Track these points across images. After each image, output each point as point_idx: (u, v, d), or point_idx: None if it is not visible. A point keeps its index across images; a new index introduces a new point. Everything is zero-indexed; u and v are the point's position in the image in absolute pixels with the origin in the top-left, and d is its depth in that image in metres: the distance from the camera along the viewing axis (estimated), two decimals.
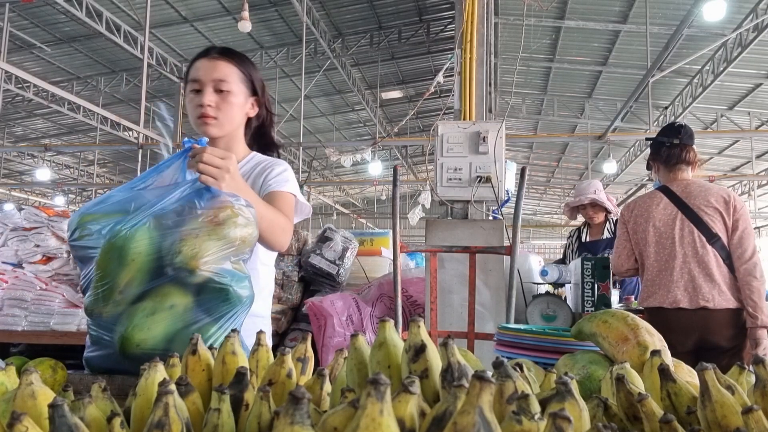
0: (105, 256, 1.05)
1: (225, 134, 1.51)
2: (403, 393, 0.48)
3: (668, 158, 2.73)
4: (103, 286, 1.05)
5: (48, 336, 2.77)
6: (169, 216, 1.07)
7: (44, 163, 17.98)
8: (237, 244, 1.09)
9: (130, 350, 1.03)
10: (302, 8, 9.26)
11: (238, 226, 1.09)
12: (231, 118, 1.50)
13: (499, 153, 3.16)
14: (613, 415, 0.67)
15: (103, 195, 1.17)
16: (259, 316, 1.50)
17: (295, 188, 1.51)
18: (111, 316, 1.06)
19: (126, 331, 1.04)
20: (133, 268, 1.03)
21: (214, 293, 1.07)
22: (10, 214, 3.22)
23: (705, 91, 10.27)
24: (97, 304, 1.06)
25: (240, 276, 1.11)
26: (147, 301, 1.05)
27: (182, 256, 1.03)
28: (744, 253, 2.51)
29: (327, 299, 3.41)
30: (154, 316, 1.04)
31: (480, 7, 3.69)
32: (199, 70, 1.48)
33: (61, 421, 0.50)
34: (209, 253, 1.05)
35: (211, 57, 1.49)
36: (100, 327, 1.08)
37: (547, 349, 1.05)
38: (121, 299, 1.04)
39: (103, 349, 1.08)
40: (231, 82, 1.47)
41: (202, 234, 1.06)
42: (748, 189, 17.20)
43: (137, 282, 1.04)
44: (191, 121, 1.51)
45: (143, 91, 8.39)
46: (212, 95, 1.46)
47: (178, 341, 1.03)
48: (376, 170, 15.79)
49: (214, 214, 1.08)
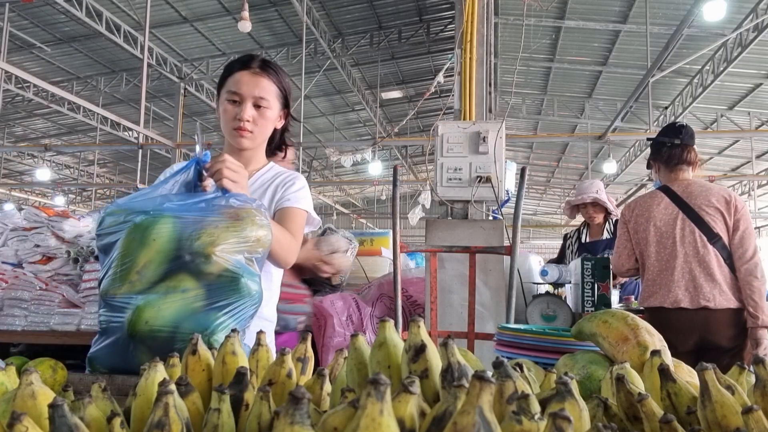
0: (129, 236, 1.12)
1: (256, 147, 1.57)
2: (403, 393, 0.48)
3: (669, 158, 2.73)
4: (123, 266, 1.11)
5: (48, 336, 2.77)
6: (194, 209, 1.15)
7: (44, 163, 17.98)
8: (252, 241, 1.16)
9: (138, 327, 1.07)
10: (302, 8, 9.26)
11: (255, 225, 1.17)
12: (264, 132, 1.56)
13: (499, 153, 3.15)
14: (613, 415, 0.67)
15: (134, 193, 1.25)
16: (268, 320, 1.54)
17: (308, 205, 1.56)
18: (125, 295, 1.10)
19: (137, 309, 1.08)
20: (153, 249, 1.10)
21: (226, 281, 1.13)
22: (10, 214, 3.22)
23: (705, 91, 10.27)
24: (114, 284, 1.11)
25: (252, 271, 1.17)
26: (161, 284, 1.10)
27: (200, 242, 1.11)
28: (745, 253, 2.51)
29: (327, 299, 3.40)
30: (166, 298, 1.09)
31: (480, 7, 3.70)
32: (240, 83, 1.49)
33: (61, 421, 0.50)
34: (226, 242, 1.13)
35: (253, 71, 1.51)
36: (112, 309, 1.11)
37: (547, 349, 1.05)
38: (137, 279, 1.10)
39: (112, 335, 1.10)
40: (269, 98, 1.51)
41: (221, 226, 1.13)
42: (748, 189, 17.20)
43: (155, 264, 1.10)
44: (224, 129, 1.54)
45: (143, 91, 8.39)
46: (251, 110, 1.49)
47: (186, 324, 1.08)
48: (376, 170, 15.78)
49: (234, 211, 1.16)
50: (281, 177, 1.59)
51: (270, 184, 1.57)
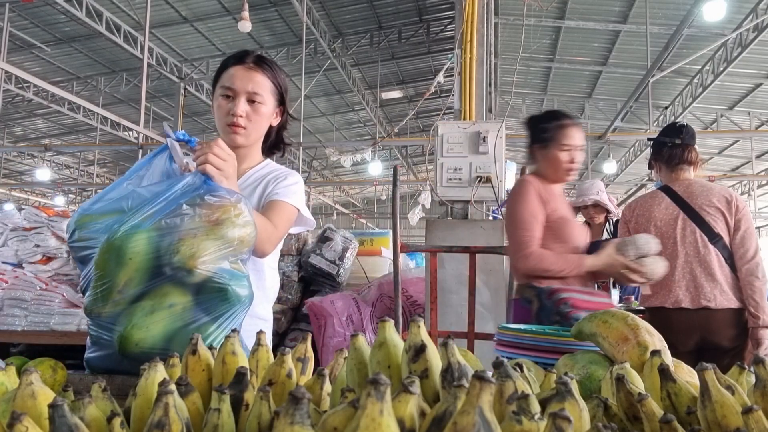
0: (103, 256, 1.05)
1: (250, 144, 1.53)
2: (403, 393, 0.48)
3: (670, 158, 2.73)
4: (102, 286, 1.05)
5: (48, 336, 2.77)
6: (167, 215, 1.06)
7: (44, 163, 17.98)
8: (235, 244, 1.09)
9: (129, 349, 1.03)
10: (302, 8, 9.26)
11: (237, 226, 1.09)
12: (259, 128, 1.52)
13: (499, 153, 3.16)
14: (613, 415, 0.67)
15: (99, 193, 1.17)
16: (262, 319, 1.50)
17: (299, 202, 1.51)
18: (110, 316, 1.06)
19: (125, 331, 1.04)
20: (131, 267, 1.03)
21: (213, 292, 1.07)
22: (10, 214, 3.22)
23: (705, 91, 10.27)
24: (96, 303, 1.06)
25: (239, 275, 1.11)
26: (146, 301, 1.05)
27: (180, 256, 1.04)
28: (746, 253, 2.51)
29: (327, 299, 3.41)
30: (153, 315, 1.04)
31: (480, 7, 3.70)
32: (234, 78, 1.47)
33: (61, 421, 0.50)
34: (207, 252, 1.05)
35: (247, 66, 1.48)
36: (99, 327, 1.08)
37: (547, 349, 1.05)
38: (120, 299, 1.04)
39: (103, 349, 1.08)
40: (264, 94, 1.48)
41: (200, 234, 1.06)
42: (748, 189, 17.20)
43: (136, 281, 1.04)
44: (218, 125, 1.51)
45: (143, 91, 8.39)
46: (245, 105, 1.46)
47: (178, 340, 1.03)
48: (376, 170, 15.79)
49: (212, 213, 1.08)
50: (275, 173, 1.55)
51: (263, 180, 1.53)
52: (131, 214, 1.07)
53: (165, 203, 1.08)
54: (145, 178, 1.16)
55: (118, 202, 1.11)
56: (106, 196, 1.13)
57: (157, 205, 1.07)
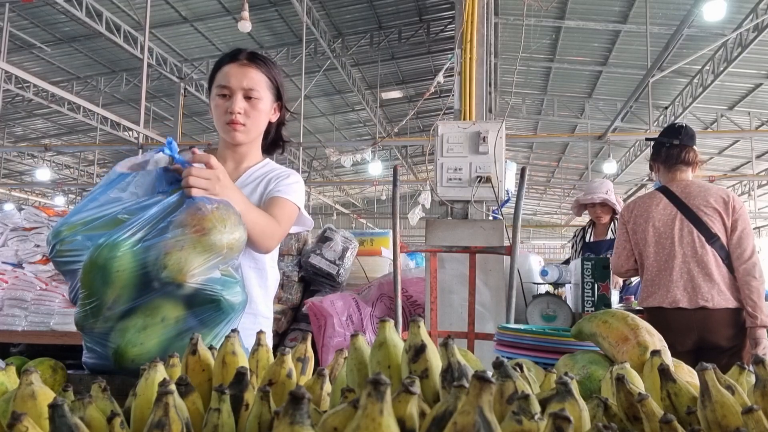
0: (88, 275, 1.02)
1: (250, 141, 1.53)
2: (403, 393, 0.48)
3: (668, 159, 2.73)
4: (91, 304, 1.03)
5: (48, 336, 2.77)
6: (152, 228, 1.04)
7: (44, 163, 17.98)
8: (224, 252, 1.07)
9: (125, 365, 1.03)
10: (302, 8, 9.26)
11: (225, 233, 1.07)
12: (258, 125, 1.52)
13: (499, 153, 3.15)
14: (613, 415, 0.67)
15: (78, 204, 1.14)
16: (264, 317, 1.52)
17: (299, 200, 1.51)
18: (103, 331, 1.04)
19: (119, 348, 1.03)
20: (118, 285, 1.01)
21: (206, 303, 1.06)
22: (10, 214, 3.22)
23: (705, 91, 10.27)
24: (86, 320, 1.04)
25: (230, 282, 1.09)
26: (137, 316, 1.03)
27: (168, 271, 1.01)
28: (743, 253, 2.51)
29: (327, 299, 3.41)
30: (146, 331, 1.03)
31: (480, 7, 3.70)
32: (228, 76, 1.47)
33: (61, 421, 0.50)
34: (196, 265, 1.03)
35: (240, 63, 1.48)
36: (93, 341, 1.06)
37: (547, 349, 1.05)
38: (110, 315, 1.02)
39: (100, 359, 1.07)
40: (260, 89, 1.48)
41: (186, 245, 1.02)
42: (748, 189, 17.20)
43: (125, 298, 1.02)
44: (217, 125, 1.51)
45: (143, 91, 8.39)
46: (242, 102, 1.46)
47: (174, 350, 1.02)
48: (376, 170, 15.78)
49: (198, 222, 1.05)
50: (276, 171, 1.56)
51: (263, 178, 1.53)
52: (114, 229, 1.04)
53: (148, 217, 1.05)
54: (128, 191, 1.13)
55: (100, 213, 1.08)
56: (87, 207, 1.10)
57: (138, 220, 1.05)
